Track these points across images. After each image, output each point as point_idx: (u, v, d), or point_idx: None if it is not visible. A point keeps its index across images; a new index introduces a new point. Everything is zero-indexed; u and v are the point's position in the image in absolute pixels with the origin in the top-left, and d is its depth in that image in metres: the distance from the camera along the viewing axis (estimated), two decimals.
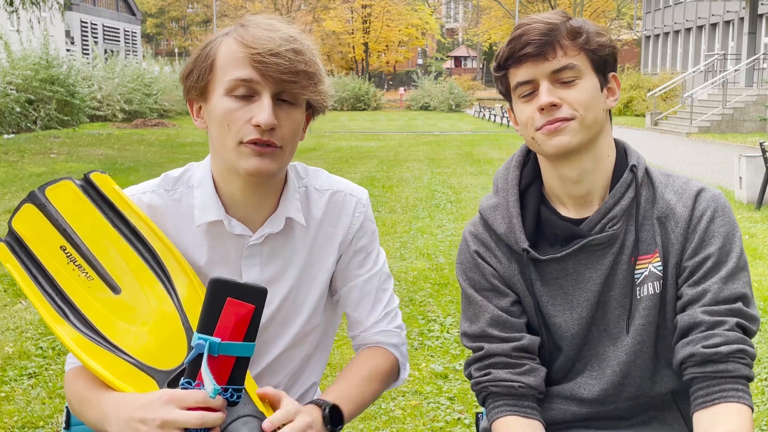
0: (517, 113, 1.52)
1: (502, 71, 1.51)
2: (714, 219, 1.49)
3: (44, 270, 1.44)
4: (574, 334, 1.56)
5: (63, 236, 1.45)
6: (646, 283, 1.51)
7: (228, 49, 1.42)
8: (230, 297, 1.28)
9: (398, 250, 6.74)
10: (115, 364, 1.38)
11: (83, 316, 1.42)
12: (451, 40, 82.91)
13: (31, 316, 4.70)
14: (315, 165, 1.56)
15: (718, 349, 1.42)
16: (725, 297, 1.46)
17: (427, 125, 26.78)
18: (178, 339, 1.40)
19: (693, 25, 33.87)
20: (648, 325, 1.52)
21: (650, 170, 1.56)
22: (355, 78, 40.80)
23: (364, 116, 31.97)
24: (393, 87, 61.53)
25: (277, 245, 1.56)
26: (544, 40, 1.45)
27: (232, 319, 1.28)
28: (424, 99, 39.06)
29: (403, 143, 18.77)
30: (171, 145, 17.25)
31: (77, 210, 1.47)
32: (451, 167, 13.24)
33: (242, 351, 1.29)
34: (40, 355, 4.08)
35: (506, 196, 1.58)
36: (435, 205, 9.18)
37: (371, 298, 1.64)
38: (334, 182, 1.64)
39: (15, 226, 1.45)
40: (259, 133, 1.40)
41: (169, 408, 1.27)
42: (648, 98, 26.65)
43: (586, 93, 1.46)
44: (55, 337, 4.29)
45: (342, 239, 1.61)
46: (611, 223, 1.50)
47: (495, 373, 1.54)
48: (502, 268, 1.57)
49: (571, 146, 1.45)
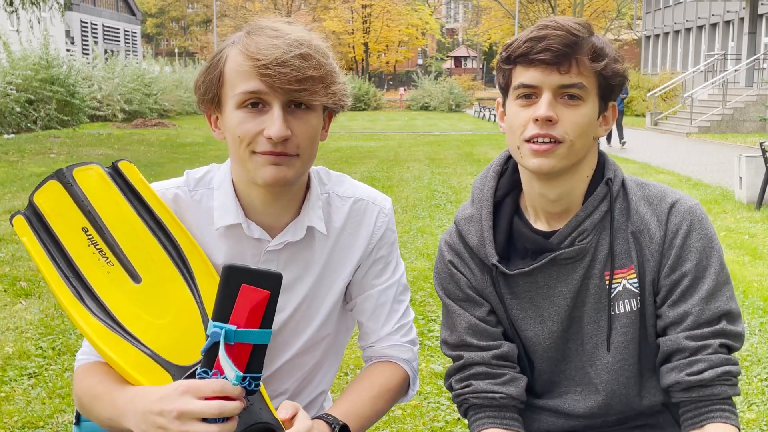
0: (509, 113, 1.47)
1: (509, 66, 1.45)
2: (689, 234, 1.45)
3: (63, 249, 1.38)
4: (547, 347, 1.54)
5: (86, 218, 1.40)
6: (621, 299, 1.48)
7: (234, 62, 1.39)
8: (245, 283, 1.25)
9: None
10: (131, 355, 1.34)
11: (100, 302, 1.37)
12: (451, 40, 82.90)
13: (31, 316, 4.70)
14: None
15: (702, 375, 1.41)
16: (707, 318, 1.43)
17: (427, 125, 26.77)
18: (197, 335, 1.38)
19: (693, 25, 33.86)
20: (628, 342, 1.49)
21: (626, 182, 1.52)
22: (355, 78, 40.85)
23: (364, 116, 31.96)
24: (393, 87, 61.50)
25: (295, 252, 1.54)
26: (564, 51, 1.39)
27: (247, 306, 1.25)
28: (424, 99, 39.06)
29: (403, 143, 18.76)
30: (171, 145, 17.24)
31: (103, 195, 1.43)
32: (451, 167, 13.23)
33: (259, 338, 1.26)
34: (40, 355, 4.08)
35: (480, 207, 1.55)
36: (435, 205, 9.18)
37: (386, 308, 1.62)
38: (357, 189, 1.61)
39: (36, 201, 1.39)
40: (272, 146, 1.38)
41: (186, 398, 1.25)
42: (648, 98, 26.65)
43: (584, 118, 1.42)
44: (55, 337, 4.29)
45: (363, 249, 1.59)
46: (581, 236, 1.47)
47: (476, 385, 1.53)
48: (475, 280, 1.55)
49: (553, 170, 1.42)
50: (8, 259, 6.23)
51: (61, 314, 4.75)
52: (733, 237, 7.30)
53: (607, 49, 1.43)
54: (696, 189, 10.51)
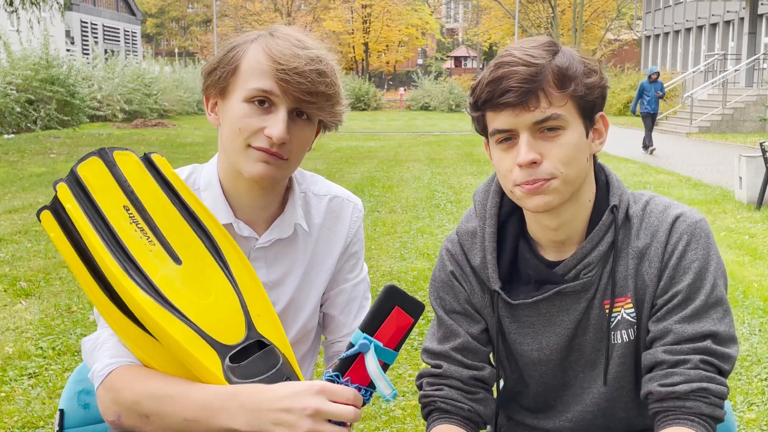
0: (494, 158, 1.41)
1: (479, 112, 1.39)
2: (686, 253, 1.40)
3: (106, 221, 1.35)
4: (543, 373, 1.53)
5: (128, 198, 1.39)
6: (618, 329, 1.45)
7: (254, 58, 1.43)
8: (398, 306, 1.34)
9: (398, 250, 6.74)
10: (181, 329, 1.31)
11: (147, 277, 1.33)
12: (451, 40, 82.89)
13: (31, 316, 4.70)
14: (315, 165, 1.58)
15: (674, 387, 1.35)
16: (689, 336, 1.37)
17: (427, 125, 26.78)
18: (237, 318, 1.37)
19: (693, 25, 33.86)
20: (624, 371, 1.48)
21: (629, 206, 1.46)
22: (355, 78, 40.84)
23: (364, 116, 31.98)
24: (393, 87, 61.50)
25: (281, 249, 1.58)
26: (526, 88, 1.30)
27: (393, 327, 1.33)
28: (424, 99, 39.05)
29: (403, 143, 18.77)
30: (171, 146, 17.24)
31: (141, 180, 1.42)
32: (451, 167, 13.23)
33: (391, 359, 1.35)
34: (40, 355, 4.08)
35: (483, 226, 1.50)
36: (435, 205, 9.18)
37: (357, 303, 1.67)
38: (331, 188, 1.68)
39: (80, 172, 1.37)
40: (269, 144, 1.43)
41: (321, 399, 1.25)
42: None
43: (570, 148, 1.34)
44: (55, 337, 4.29)
45: (343, 243, 1.64)
46: (586, 269, 1.42)
47: (447, 392, 1.51)
48: (474, 297, 1.52)
49: (552, 205, 1.37)
50: (8, 259, 6.23)
51: (61, 314, 4.76)
52: (733, 237, 7.30)
53: (575, 66, 1.34)
54: (696, 189, 10.52)
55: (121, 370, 1.37)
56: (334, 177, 11.10)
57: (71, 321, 4.64)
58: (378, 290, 1.35)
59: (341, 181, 10.50)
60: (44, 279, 5.62)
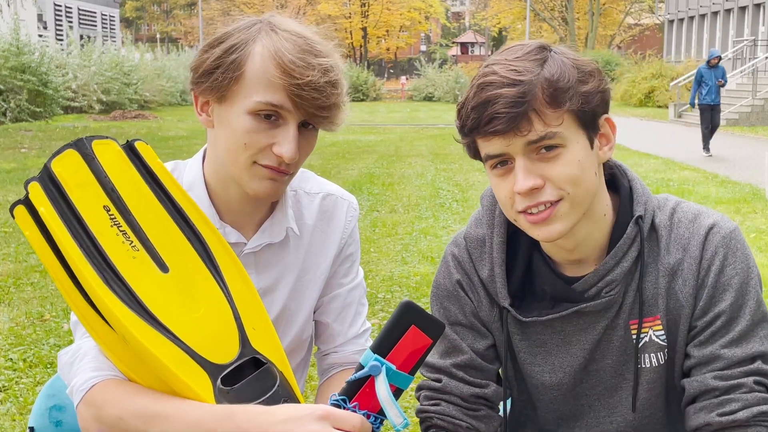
0: (492, 184, 1.37)
1: (468, 138, 1.35)
2: (724, 269, 1.37)
3: (84, 225, 1.29)
4: (553, 399, 1.51)
5: (108, 197, 1.33)
6: (647, 352, 1.42)
7: (262, 66, 1.39)
8: (415, 325, 1.29)
9: (399, 252, 6.74)
10: (166, 348, 1.27)
11: (129, 288, 1.28)
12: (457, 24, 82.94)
13: (0, 325, 4.69)
14: (309, 161, 1.56)
15: (735, 416, 1.33)
16: (739, 360, 1.36)
17: (431, 117, 26.77)
18: (230, 333, 1.35)
19: (720, 9, 33.87)
20: (655, 398, 1.46)
21: (654, 214, 1.42)
22: (352, 66, 40.85)
23: (363, 107, 31.97)
24: (394, 76, 61.55)
25: (271, 254, 1.57)
26: (515, 112, 1.25)
27: (408, 348, 1.30)
28: (427, 89, 39.07)
29: (405, 137, 18.77)
30: (153, 140, 17.24)
31: (123, 174, 1.36)
32: (456, 163, 13.23)
33: (405, 383, 1.31)
34: (10, 367, 4.08)
35: (491, 235, 1.47)
36: (439, 205, 9.18)
37: (353, 309, 1.66)
38: (324, 185, 1.66)
39: (54, 168, 1.31)
40: (278, 163, 1.42)
41: (323, 425, 1.23)
42: (671, 88, 26.63)
43: (574, 166, 1.30)
44: (26, 348, 4.29)
45: (337, 244, 1.64)
46: (609, 287, 1.39)
47: (444, 407, 1.50)
48: (482, 310, 1.50)
49: (563, 233, 1.33)
50: None
51: (32, 323, 4.75)
52: (764, 239, 7.29)
53: (567, 75, 1.29)
54: (723, 187, 10.52)
55: (105, 384, 1.35)
56: (330, 174, 11.11)
57: (44, 330, 4.63)
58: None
59: (337, 178, 10.51)
60: (14, 284, 5.61)
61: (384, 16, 57.49)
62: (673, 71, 29.85)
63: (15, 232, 7.26)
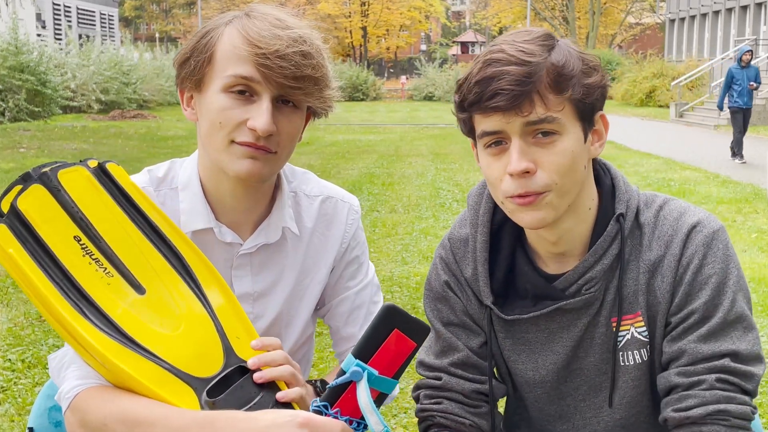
0: (482, 164, 1.38)
1: (465, 114, 1.35)
2: (702, 267, 1.37)
3: (55, 260, 1.32)
4: (538, 397, 1.52)
5: (78, 226, 1.35)
6: (629, 350, 1.43)
7: (230, 43, 1.40)
8: (398, 329, 1.29)
9: (399, 253, 6.74)
10: (147, 369, 1.30)
11: (105, 316, 1.31)
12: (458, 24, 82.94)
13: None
14: (309, 160, 1.57)
15: (689, 412, 1.33)
16: (704, 356, 1.35)
17: (431, 117, 26.76)
18: (213, 345, 1.36)
19: (722, 8, 33.88)
20: (639, 395, 1.46)
21: (640, 211, 1.43)
22: (352, 65, 40.80)
23: (363, 107, 31.96)
24: (394, 75, 61.53)
25: (268, 255, 1.56)
26: (519, 90, 1.27)
27: (392, 352, 1.30)
28: (427, 88, 39.05)
29: (405, 137, 18.77)
30: (151, 139, 17.24)
31: (93, 200, 1.38)
32: (457, 163, 13.23)
33: (388, 388, 1.31)
34: (9, 368, 4.08)
35: (475, 234, 1.49)
36: (440, 204, 9.19)
37: (363, 311, 1.65)
38: (324, 188, 1.65)
39: (21, 206, 1.32)
40: (254, 138, 1.40)
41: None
42: (672, 88, 26.65)
43: (566, 156, 1.31)
44: (24, 349, 4.29)
45: (337, 249, 1.62)
46: (589, 284, 1.40)
47: (447, 405, 1.50)
48: (471, 308, 1.51)
49: (547, 222, 1.34)
50: None
51: (31, 323, 4.75)
52: (765, 239, 7.30)
53: (573, 63, 1.31)
54: (724, 186, 10.52)
55: (89, 391, 1.36)
56: (330, 173, 11.11)
57: (42, 331, 4.63)
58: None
59: (337, 178, 10.51)
60: (13, 285, 5.61)
61: (384, 16, 57.50)
62: (674, 71, 29.84)
63: None
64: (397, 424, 3.48)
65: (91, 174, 1.40)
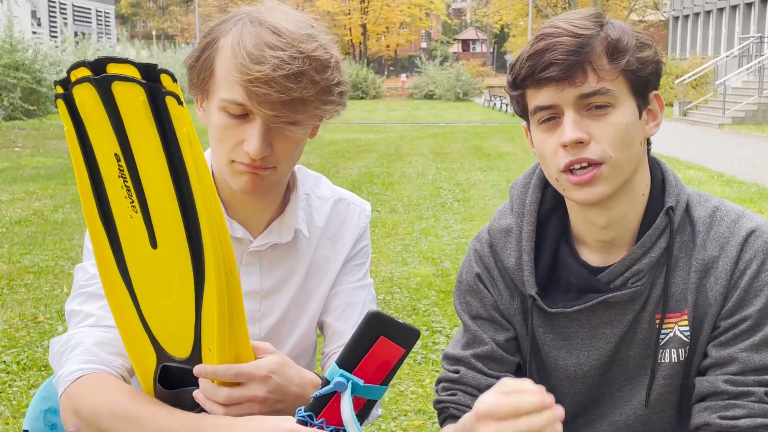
0: (536, 141, 1.39)
1: (518, 91, 1.37)
2: (759, 274, 1.36)
3: (96, 164, 1.23)
4: (578, 392, 1.52)
5: (120, 147, 1.20)
6: (669, 347, 1.43)
7: (224, 61, 1.39)
8: (384, 336, 1.26)
9: (399, 253, 6.74)
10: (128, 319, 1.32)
11: (119, 244, 1.28)
12: (458, 21, 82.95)
13: None
14: (308, 160, 1.57)
15: (737, 422, 1.33)
16: (755, 367, 1.35)
17: (432, 116, 26.78)
18: (186, 333, 1.32)
19: (726, 5, 33.86)
20: (666, 394, 1.46)
21: (692, 207, 1.43)
22: (352, 64, 40.84)
23: (362, 106, 31.98)
24: (394, 73, 61.55)
25: (278, 255, 1.57)
26: (572, 60, 1.29)
27: (378, 360, 1.27)
28: (428, 87, 39.10)
29: (405, 136, 18.78)
30: None
31: (140, 130, 1.18)
32: (458, 162, 13.24)
33: (376, 395, 1.29)
34: (4, 370, 4.08)
35: (521, 224, 1.48)
36: (440, 204, 9.18)
37: (358, 309, 1.64)
38: (336, 191, 1.67)
39: (76, 97, 1.19)
40: (250, 159, 1.40)
41: None
42: (676, 86, 26.65)
43: (621, 128, 1.32)
44: (19, 351, 4.29)
45: (348, 251, 1.64)
46: (636, 277, 1.40)
47: (460, 397, 1.50)
48: (502, 303, 1.51)
49: (604, 197, 1.34)
50: None
51: (26, 325, 4.75)
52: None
53: (626, 37, 1.33)
54: (729, 186, 10.52)
55: (88, 378, 1.38)
56: (329, 173, 11.10)
57: (38, 332, 4.63)
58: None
59: (336, 178, 10.50)
60: (8, 286, 5.61)
61: (384, 13, 57.49)
62: (678, 69, 29.85)
63: (8, 233, 7.27)
64: (397, 427, 3.48)
65: (147, 100, 1.16)
